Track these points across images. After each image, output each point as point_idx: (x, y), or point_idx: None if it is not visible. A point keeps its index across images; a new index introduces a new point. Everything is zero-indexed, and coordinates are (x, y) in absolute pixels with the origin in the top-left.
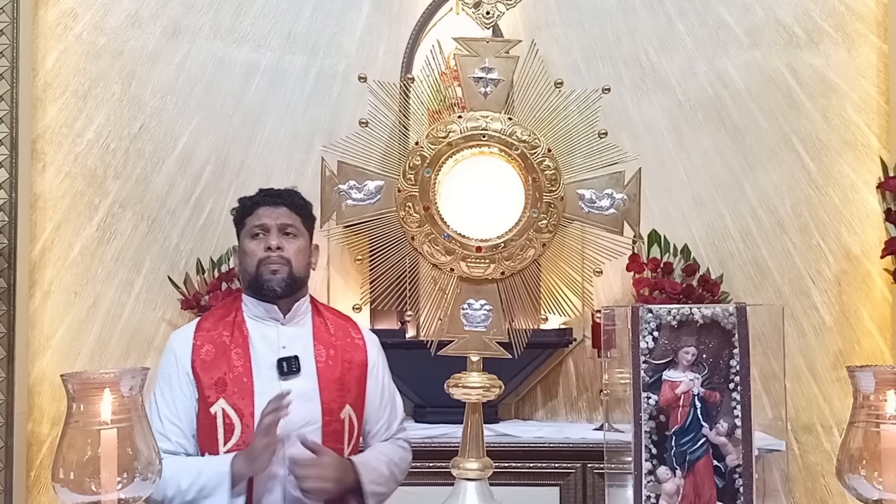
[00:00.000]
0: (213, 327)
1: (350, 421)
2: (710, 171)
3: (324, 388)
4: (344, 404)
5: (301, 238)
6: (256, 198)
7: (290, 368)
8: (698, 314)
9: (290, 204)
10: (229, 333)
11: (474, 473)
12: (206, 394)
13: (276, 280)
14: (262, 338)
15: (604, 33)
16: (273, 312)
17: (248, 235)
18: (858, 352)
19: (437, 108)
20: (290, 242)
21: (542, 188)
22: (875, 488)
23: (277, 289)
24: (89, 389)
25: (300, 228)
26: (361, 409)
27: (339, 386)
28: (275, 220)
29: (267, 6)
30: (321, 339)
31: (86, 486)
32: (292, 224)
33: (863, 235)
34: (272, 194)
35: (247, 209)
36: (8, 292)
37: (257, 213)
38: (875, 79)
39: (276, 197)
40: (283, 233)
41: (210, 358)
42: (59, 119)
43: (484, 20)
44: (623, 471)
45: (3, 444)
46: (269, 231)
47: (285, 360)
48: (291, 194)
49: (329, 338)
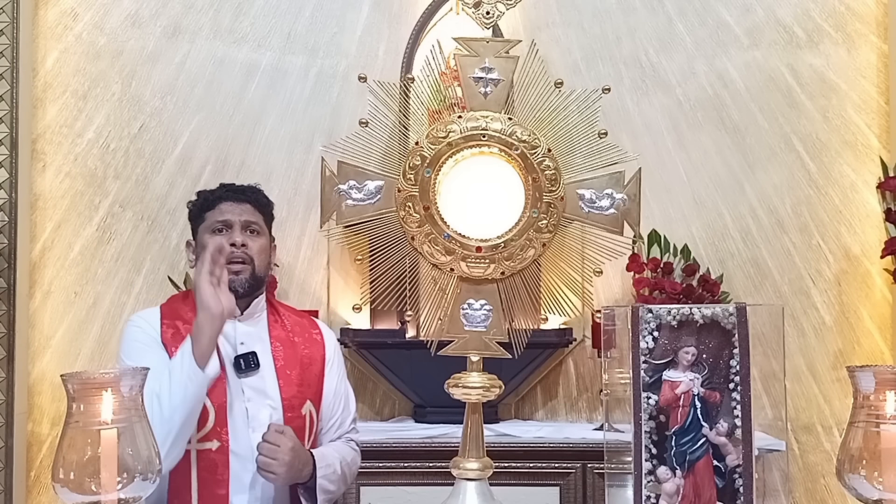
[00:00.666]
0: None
1: (311, 417)
2: (710, 171)
3: (284, 384)
4: (305, 400)
5: (264, 236)
6: (219, 192)
7: (249, 365)
8: (698, 314)
9: (254, 201)
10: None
11: (474, 473)
12: None
13: (238, 281)
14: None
15: (604, 33)
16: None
17: (208, 231)
18: (858, 352)
19: (437, 108)
20: (253, 240)
21: (542, 188)
22: (875, 488)
23: (240, 289)
24: (89, 389)
25: (262, 226)
26: (319, 405)
27: (300, 382)
28: (238, 217)
29: (267, 6)
30: (278, 337)
31: (86, 486)
32: (255, 221)
33: (863, 235)
34: (236, 189)
35: (208, 203)
36: (8, 292)
37: (220, 208)
38: (875, 79)
39: (239, 192)
40: (246, 230)
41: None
42: (59, 119)
43: (484, 20)
44: (623, 471)
45: (3, 444)
46: (233, 227)
47: (242, 357)
48: (255, 191)
49: (286, 334)
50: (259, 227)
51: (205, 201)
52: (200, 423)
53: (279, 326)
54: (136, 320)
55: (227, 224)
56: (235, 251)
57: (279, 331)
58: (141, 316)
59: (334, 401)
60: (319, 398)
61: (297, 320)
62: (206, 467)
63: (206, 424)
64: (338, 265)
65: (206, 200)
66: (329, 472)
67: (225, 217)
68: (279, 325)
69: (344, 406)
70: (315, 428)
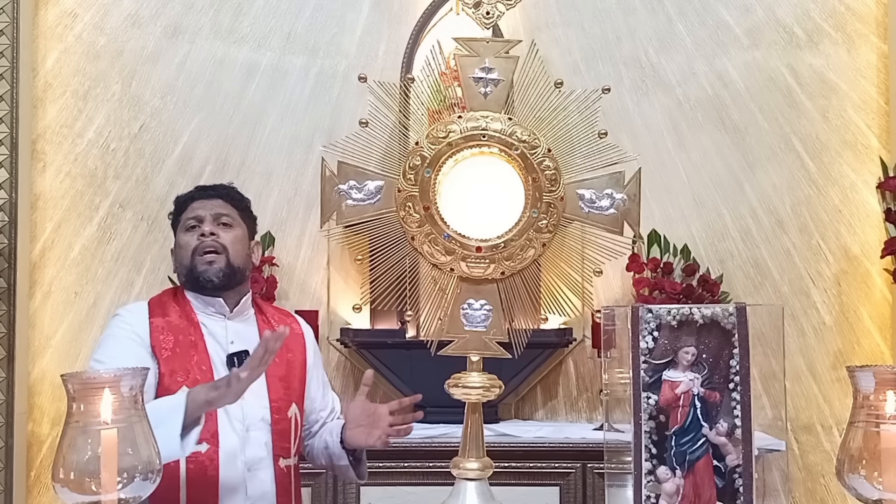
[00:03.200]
0: (166, 314)
1: (296, 420)
2: (710, 171)
3: (271, 386)
4: (290, 402)
5: (238, 228)
6: (190, 193)
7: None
8: (698, 314)
9: (224, 196)
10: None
11: (474, 473)
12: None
13: (212, 270)
14: (210, 333)
15: (604, 33)
16: (219, 307)
17: (182, 230)
18: (858, 352)
19: (437, 108)
20: (225, 231)
21: (542, 188)
22: (875, 488)
23: (214, 279)
24: (89, 389)
25: (236, 219)
26: (302, 405)
27: (286, 384)
28: (208, 210)
29: (267, 6)
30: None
31: (86, 486)
32: (227, 213)
33: (863, 235)
34: (206, 188)
35: (181, 205)
36: (8, 292)
37: (191, 207)
38: (875, 79)
39: (209, 190)
40: (217, 223)
41: (169, 346)
42: (59, 119)
43: (484, 20)
44: (623, 471)
45: (3, 444)
46: (203, 220)
47: (236, 356)
48: (225, 188)
49: None
50: (231, 219)
51: (178, 205)
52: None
53: (267, 326)
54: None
55: (198, 219)
56: (205, 240)
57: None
58: (130, 312)
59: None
60: (302, 399)
61: (282, 318)
62: (196, 469)
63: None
64: (338, 265)
65: (179, 203)
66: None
67: (196, 213)
68: (267, 325)
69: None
70: (300, 431)
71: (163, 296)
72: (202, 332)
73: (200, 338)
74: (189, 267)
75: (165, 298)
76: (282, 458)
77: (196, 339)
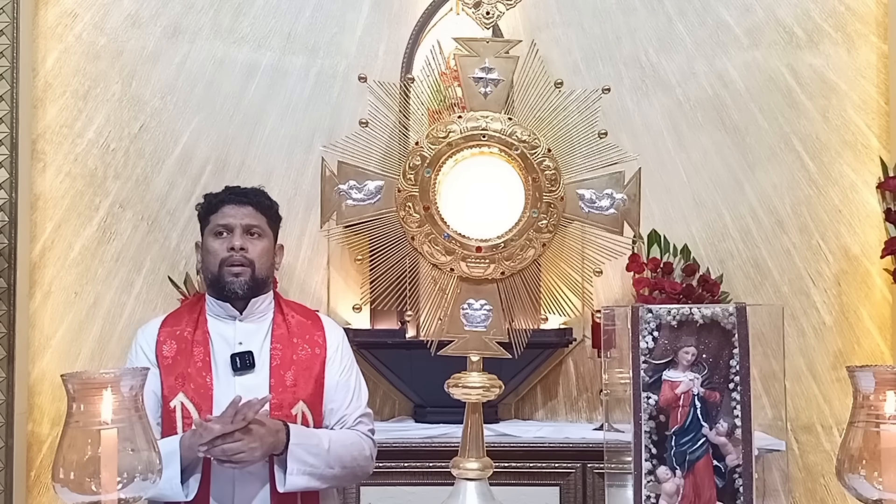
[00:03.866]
0: (177, 324)
1: (304, 417)
2: (710, 171)
3: (274, 384)
4: (297, 401)
5: (266, 239)
6: (222, 195)
7: (244, 364)
8: (698, 314)
9: (255, 203)
10: (192, 330)
11: (474, 473)
12: (166, 388)
13: (238, 283)
14: (220, 335)
15: (604, 33)
16: (229, 309)
17: (211, 234)
18: (858, 352)
19: (437, 108)
20: (254, 243)
21: (542, 188)
22: (875, 488)
23: (239, 291)
24: (89, 389)
25: (265, 229)
26: (319, 406)
27: (294, 383)
28: (239, 220)
29: (267, 6)
30: (278, 338)
31: (86, 486)
32: (257, 224)
33: (862, 235)
34: (238, 192)
35: (212, 206)
36: (8, 292)
37: (222, 212)
38: (875, 79)
39: (241, 196)
40: (247, 233)
41: (171, 354)
42: (59, 119)
43: (484, 20)
44: (623, 471)
45: (3, 444)
46: (234, 231)
47: (238, 356)
48: (258, 193)
49: (287, 335)
50: (260, 230)
51: (209, 205)
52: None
53: (283, 326)
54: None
55: (228, 228)
56: (235, 255)
57: (282, 331)
58: (143, 332)
59: (336, 397)
60: (317, 399)
61: (301, 321)
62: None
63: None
64: (338, 265)
65: (210, 204)
66: (310, 442)
67: (226, 220)
68: (283, 326)
69: (350, 401)
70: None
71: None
72: (209, 337)
73: (206, 342)
74: (216, 276)
75: (184, 309)
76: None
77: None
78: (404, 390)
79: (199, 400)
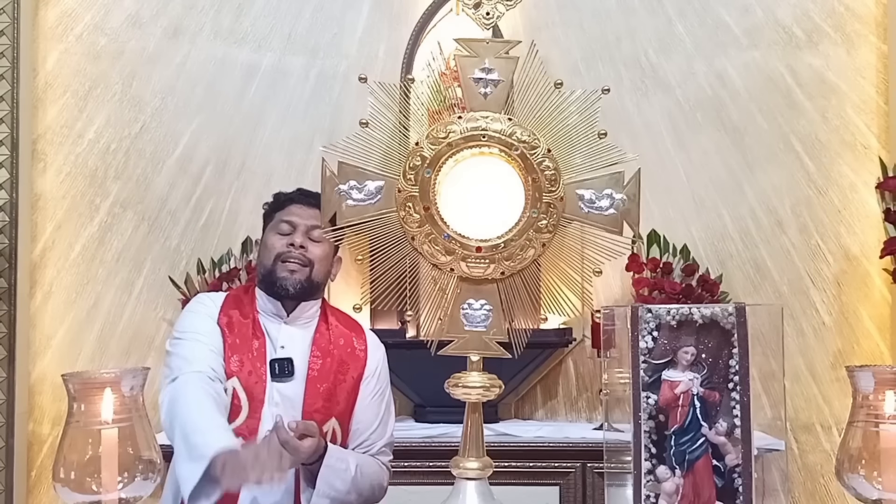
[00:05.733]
0: (238, 305)
1: (333, 434)
2: (709, 171)
3: (309, 396)
4: (329, 416)
5: (326, 245)
6: (293, 194)
7: (283, 371)
8: (698, 314)
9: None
10: (250, 319)
11: (474, 473)
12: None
13: (291, 280)
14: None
15: (603, 34)
16: (279, 308)
17: (273, 230)
18: (858, 352)
19: (437, 108)
20: (315, 246)
21: (542, 188)
22: (874, 488)
23: (291, 289)
24: (90, 389)
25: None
26: (348, 424)
27: (328, 397)
28: (304, 221)
29: (267, 7)
30: (320, 346)
31: (86, 485)
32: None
33: (862, 235)
34: (308, 194)
35: (279, 203)
36: (9, 292)
37: (289, 209)
38: (874, 79)
39: (311, 197)
40: (309, 235)
41: (235, 331)
42: (59, 119)
43: (484, 21)
44: (623, 470)
45: (4, 444)
46: (297, 228)
47: (278, 362)
48: None
49: (328, 346)
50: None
51: (277, 202)
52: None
53: (325, 336)
54: (201, 297)
55: (291, 225)
56: (293, 251)
57: (323, 340)
58: (207, 295)
59: (364, 417)
60: (347, 417)
61: (344, 332)
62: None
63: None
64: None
65: (279, 201)
66: (339, 466)
67: (291, 218)
68: (326, 336)
69: (377, 427)
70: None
71: (238, 290)
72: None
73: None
74: (270, 269)
75: (240, 293)
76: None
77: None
78: (404, 390)
79: (255, 391)
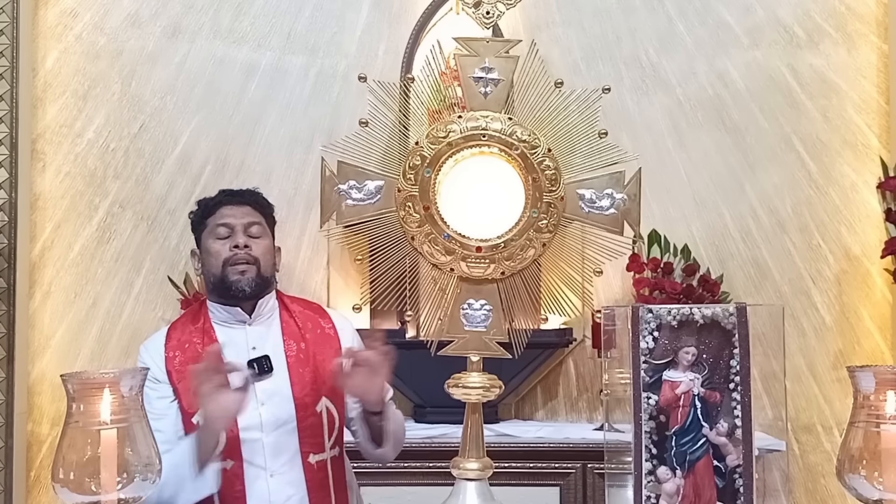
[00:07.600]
0: (182, 335)
1: (329, 413)
2: (710, 171)
3: (295, 383)
4: (319, 397)
5: (266, 238)
6: (218, 197)
7: (262, 368)
8: (698, 314)
9: (253, 203)
10: (199, 341)
11: (474, 473)
12: (186, 403)
13: (244, 280)
14: (231, 343)
15: (604, 33)
16: (238, 315)
17: (211, 236)
18: (858, 352)
19: (437, 107)
20: (256, 242)
21: (542, 188)
22: (875, 488)
23: (247, 289)
24: (89, 389)
25: (265, 227)
26: (342, 399)
27: (313, 379)
28: (240, 220)
29: (267, 6)
30: (290, 335)
31: (86, 486)
32: (258, 222)
33: (863, 235)
34: (234, 193)
35: (208, 209)
36: (8, 292)
37: (220, 213)
38: (875, 79)
39: (238, 196)
40: (248, 232)
41: (185, 368)
42: (58, 119)
43: (484, 20)
44: (623, 471)
45: (3, 444)
46: (235, 230)
47: (255, 362)
48: (254, 194)
49: (298, 331)
50: (261, 228)
51: (205, 208)
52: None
53: (292, 324)
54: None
55: (229, 227)
56: (239, 252)
57: (292, 328)
58: (147, 348)
59: None
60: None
61: (310, 315)
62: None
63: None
64: (338, 265)
65: (207, 207)
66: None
67: (226, 220)
68: (292, 324)
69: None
70: (336, 423)
71: (186, 315)
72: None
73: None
74: (220, 276)
75: (186, 319)
76: (312, 454)
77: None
78: (404, 390)
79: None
